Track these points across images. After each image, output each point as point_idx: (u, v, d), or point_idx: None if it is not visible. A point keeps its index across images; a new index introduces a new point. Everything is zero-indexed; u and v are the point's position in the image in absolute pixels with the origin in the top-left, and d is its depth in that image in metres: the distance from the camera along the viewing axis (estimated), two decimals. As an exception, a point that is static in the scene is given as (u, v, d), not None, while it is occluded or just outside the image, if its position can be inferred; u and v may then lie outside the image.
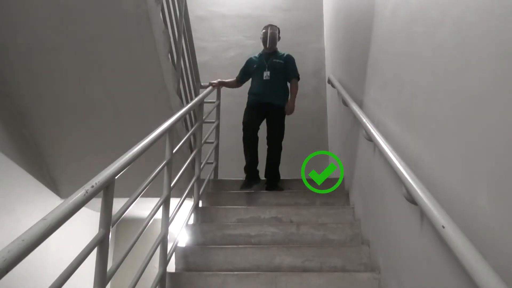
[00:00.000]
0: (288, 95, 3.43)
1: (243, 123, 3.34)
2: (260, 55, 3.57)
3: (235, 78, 3.67)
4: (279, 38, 3.58)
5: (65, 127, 2.90)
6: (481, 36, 1.09)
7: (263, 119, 3.41)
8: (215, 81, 3.58)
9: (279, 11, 5.17)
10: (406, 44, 1.71)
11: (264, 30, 3.53)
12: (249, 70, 3.56)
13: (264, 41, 3.50)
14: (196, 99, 2.87)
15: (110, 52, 2.49)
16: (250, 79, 3.60)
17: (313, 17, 5.14)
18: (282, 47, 4.79)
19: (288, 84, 3.49)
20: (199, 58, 3.94)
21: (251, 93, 3.47)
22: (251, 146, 3.30)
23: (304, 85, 4.89)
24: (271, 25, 3.54)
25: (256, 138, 3.32)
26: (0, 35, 2.38)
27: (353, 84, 2.89)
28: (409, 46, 1.68)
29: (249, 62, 3.60)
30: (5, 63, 2.52)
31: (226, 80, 3.65)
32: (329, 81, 3.79)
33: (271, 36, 3.48)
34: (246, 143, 3.30)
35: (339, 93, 3.21)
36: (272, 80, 3.38)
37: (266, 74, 3.38)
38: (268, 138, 3.35)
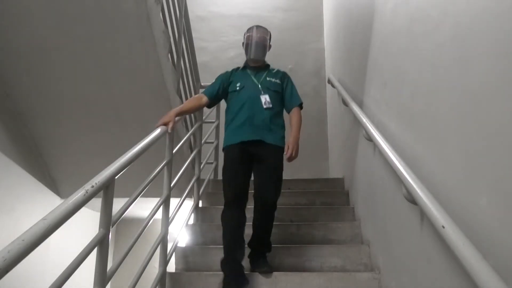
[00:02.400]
0: (284, 129, 2.32)
1: (225, 195, 2.17)
2: (244, 69, 2.42)
3: (196, 98, 2.39)
4: (269, 46, 2.46)
5: (65, 127, 2.90)
6: (481, 35, 1.09)
7: (250, 174, 2.24)
8: (166, 118, 2.08)
9: (279, 11, 5.18)
10: (406, 43, 1.71)
11: (248, 34, 2.41)
12: (227, 89, 2.38)
13: (248, 48, 2.38)
14: (196, 99, 2.86)
15: (110, 52, 2.49)
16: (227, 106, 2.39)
17: (313, 17, 5.14)
18: (282, 48, 4.77)
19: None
20: (199, 58, 3.94)
21: (230, 130, 2.27)
22: (235, 231, 2.13)
23: (304, 85, 4.91)
24: (258, 27, 2.42)
25: (243, 220, 2.15)
26: (0, 36, 2.38)
27: (353, 84, 2.89)
28: (409, 46, 1.68)
29: (228, 78, 2.41)
30: (5, 63, 2.52)
31: (184, 107, 2.28)
32: (329, 81, 3.79)
33: (259, 41, 2.36)
34: (226, 226, 2.14)
35: (339, 93, 3.21)
36: (270, 107, 2.25)
37: (265, 100, 2.25)
38: (255, 194, 2.14)
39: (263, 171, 2.18)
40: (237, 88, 2.32)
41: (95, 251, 1.27)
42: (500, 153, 0.99)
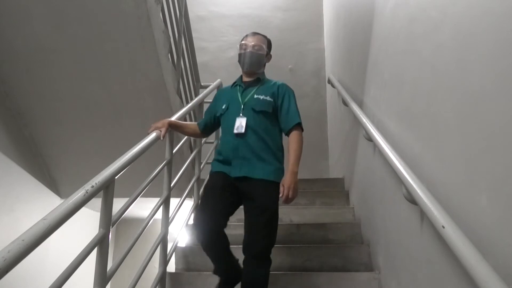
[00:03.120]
0: (282, 159, 1.93)
1: (196, 237, 1.89)
2: (236, 85, 2.05)
3: (195, 124, 2.17)
4: (269, 56, 2.08)
5: (65, 127, 2.91)
6: (481, 36, 1.09)
7: (235, 209, 1.90)
8: (159, 123, 1.92)
9: (278, 11, 5.19)
10: (406, 43, 1.71)
11: (243, 41, 2.02)
12: (216, 113, 2.04)
13: (241, 59, 2.00)
14: (196, 99, 2.87)
15: (110, 52, 2.49)
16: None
17: (313, 17, 5.15)
18: (282, 48, 4.77)
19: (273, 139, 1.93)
20: (199, 58, 3.95)
21: (216, 158, 1.97)
22: (220, 259, 1.86)
23: (304, 85, 4.91)
24: (254, 34, 2.04)
25: (224, 244, 1.84)
26: (0, 35, 2.38)
27: (353, 84, 2.89)
28: (409, 46, 1.68)
29: (218, 98, 2.10)
30: (5, 63, 2.52)
31: (181, 123, 2.11)
32: (329, 81, 3.80)
33: (254, 51, 1.97)
34: (210, 256, 1.85)
35: (339, 93, 3.21)
36: (250, 133, 1.86)
37: (240, 124, 1.86)
38: (243, 244, 1.79)
39: (250, 212, 1.80)
40: (222, 112, 1.98)
41: (95, 251, 1.27)
42: (500, 153, 0.99)
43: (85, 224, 3.70)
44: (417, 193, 1.36)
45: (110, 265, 1.37)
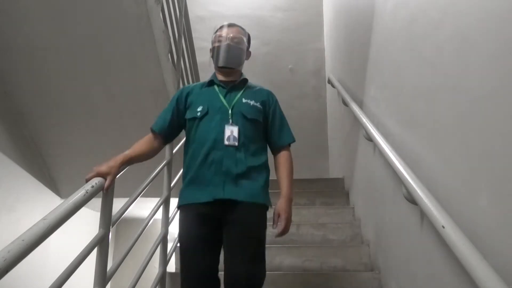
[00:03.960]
0: (268, 177, 1.60)
1: (181, 274, 1.48)
2: (211, 85, 1.69)
3: (147, 139, 1.65)
4: (248, 53, 1.75)
5: (65, 127, 2.90)
6: (481, 36, 1.09)
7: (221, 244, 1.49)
8: (104, 167, 1.34)
9: (278, 11, 5.19)
10: (406, 44, 1.71)
11: (217, 33, 1.70)
12: (184, 115, 1.65)
13: (215, 53, 1.69)
14: (196, 99, 2.86)
15: (110, 52, 2.49)
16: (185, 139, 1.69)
17: (313, 17, 5.15)
18: (282, 48, 4.75)
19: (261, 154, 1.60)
20: (199, 58, 3.94)
21: (187, 182, 1.57)
22: None
23: (304, 85, 4.91)
24: (231, 25, 1.69)
25: None
26: (0, 35, 2.38)
27: (353, 84, 2.89)
28: (409, 46, 1.68)
29: (184, 98, 1.67)
30: (5, 62, 2.52)
31: (133, 152, 1.53)
32: (329, 81, 3.80)
33: (232, 43, 1.64)
34: None
35: (339, 93, 3.21)
36: (239, 145, 1.52)
37: (231, 134, 1.51)
38: (224, 276, 1.42)
39: (232, 237, 1.44)
40: (198, 115, 1.57)
41: (95, 251, 1.27)
42: (500, 153, 0.99)
43: (85, 224, 3.70)
44: (417, 193, 1.36)
45: (110, 265, 1.37)
